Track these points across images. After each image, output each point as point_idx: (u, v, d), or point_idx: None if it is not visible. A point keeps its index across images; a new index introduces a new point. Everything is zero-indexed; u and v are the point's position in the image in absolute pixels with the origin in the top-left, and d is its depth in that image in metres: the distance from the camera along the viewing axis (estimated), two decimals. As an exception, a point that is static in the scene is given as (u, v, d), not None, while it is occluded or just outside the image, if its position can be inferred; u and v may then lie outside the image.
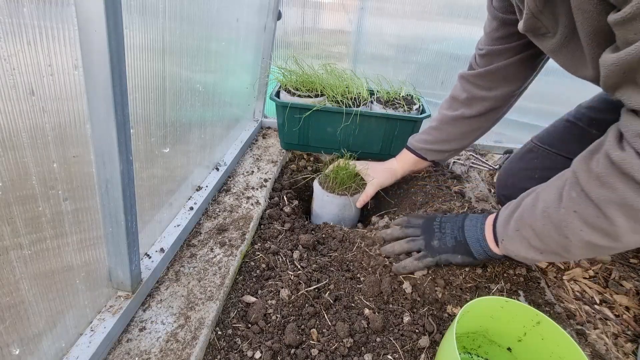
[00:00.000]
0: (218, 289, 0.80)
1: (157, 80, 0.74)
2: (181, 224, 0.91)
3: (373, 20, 1.59)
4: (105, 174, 0.59)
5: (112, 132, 0.55)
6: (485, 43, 0.99)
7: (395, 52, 1.65)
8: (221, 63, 1.10)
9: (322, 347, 0.72)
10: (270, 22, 1.41)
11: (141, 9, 0.65)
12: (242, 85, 1.38)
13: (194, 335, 0.69)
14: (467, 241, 0.82)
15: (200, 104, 0.99)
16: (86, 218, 0.60)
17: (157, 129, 0.79)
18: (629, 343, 0.79)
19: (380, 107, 1.32)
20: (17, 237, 0.49)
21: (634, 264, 1.04)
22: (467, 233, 0.82)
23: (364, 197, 1.14)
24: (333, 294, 0.83)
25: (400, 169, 1.20)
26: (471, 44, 1.08)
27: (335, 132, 1.31)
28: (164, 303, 0.76)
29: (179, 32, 0.80)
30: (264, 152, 1.41)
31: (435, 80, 1.67)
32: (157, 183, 0.83)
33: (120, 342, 0.67)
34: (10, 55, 0.43)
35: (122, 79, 0.53)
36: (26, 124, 0.47)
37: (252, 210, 1.06)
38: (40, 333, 0.56)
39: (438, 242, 0.84)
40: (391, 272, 0.86)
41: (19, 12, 0.43)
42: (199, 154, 1.05)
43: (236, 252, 0.90)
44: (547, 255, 0.71)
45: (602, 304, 0.90)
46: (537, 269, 0.98)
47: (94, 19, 0.48)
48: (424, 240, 0.85)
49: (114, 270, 0.69)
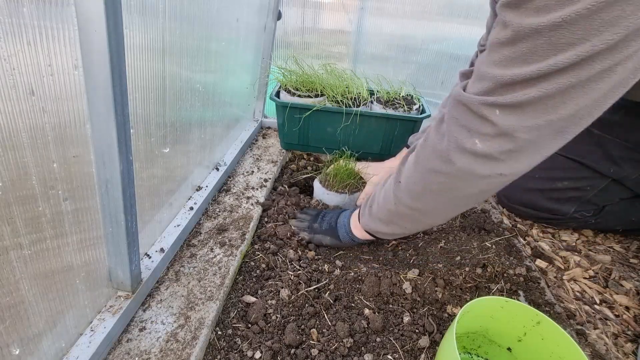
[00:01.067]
0: (218, 289, 0.80)
1: (157, 80, 0.74)
2: (181, 224, 0.91)
3: (373, 20, 1.58)
4: (105, 174, 0.59)
5: (112, 132, 0.55)
6: (486, 39, 0.99)
7: (395, 52, 1.65)
8: (221, 63, 1.10)
9: (322, 347, 0.72)
10: (270, 22, 1.41)
11: (141, 9, 0.65)
12: (242, 85, 1.38)
13: (194, 335, 0.69)
14: (336, 227, 0.97)
15: (200, 104, 0.99)
16: (86, 218, 0.60)
17: (157, 129, 0.79)
18: (629, 343, 0.79)
19: (380, 107, 1.32)
20: (17, 237, 0.49)
21: (634, 264, 1.04)
22: (338, 222, 0.98)
23: (362, 195, 1.14)
24: (333, 294, 0.83)
25: None
26: (471, 44, 1.08)
27: (335, 132, 1.31)
28: (164, 303, 0.76)
29: (179, 32, 0.80)
30: (264, 152, 1.41)
31: (435, 80, 1.66)
32: (157, 183, 0.83)
33: (120, 342, 0.67)
34: (10, 55, 0.43)
35: (122, 79, 0.53)
36: (26, 124, 0.47)
37: (252, 210, 1.06)
38: (40, 333, 0.56)
39: (317, 225, 1.01)
40: (392, 273, 0.87)
41: (18, 12, 0.43)
42: (199, 154, 1.05)
43: (236, 252, 0.90)
44: (393, 222, 0.83)
45: (602, 304, 0.90)
46: (537, 269, 0.98)
47: (94, 19, 0.48)
48: (309, 223, 1.03)
49: (114, 270, 0.69)
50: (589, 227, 1.14)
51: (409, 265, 0.92)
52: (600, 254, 1.08)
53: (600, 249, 1.11)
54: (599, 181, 1.03)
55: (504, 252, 0.94)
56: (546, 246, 1.09)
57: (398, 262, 0.95)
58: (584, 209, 1.08)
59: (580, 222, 1.12)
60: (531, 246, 1.08)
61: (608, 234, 1.16)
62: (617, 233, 1.15)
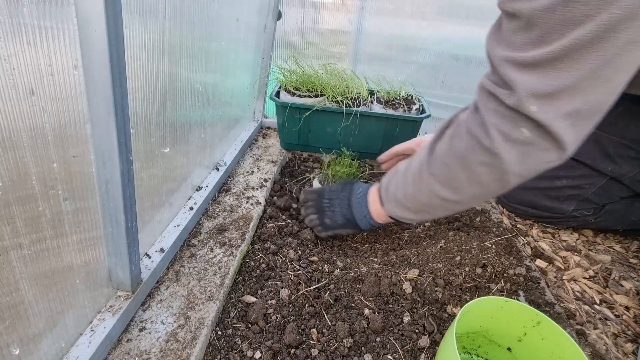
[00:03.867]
0: (218, 289, 0.80)
1: (157, 80, 0.74)
2: (181, 223, 0.91)
3: (373, 20, 1.58)
4: (105, 174, 0.59)
5: (112, 132, 0.55)
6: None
7: (395, 52, 1.65)
8: (221, 63, 1.10)
9: (322, 347, 0.72)
10: (270, 22, 1.41)
11: (141, 9, 0.65)
12: (242, 85, 1.38)
13: (194, 335, 0.69)
14: (355, 219, 0.93)
15: (200, 104, 0.99)
16: (86, 218, 0.60)
17: (157, 129, 0.79)
18: (629, 343, 0.79)
19: (380, 107, 1.32)
20: (17, 237, 0.49)
21: (633, 264, 1.04)
22: (354, 211, 0.93)
23: (387, 152, 1.12)
24: (333, 294, 0.83)
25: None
26: (471, 44, 1.08)
27: (335, 132, 1.31)
28: (164, 303, 0.76)
29: (179, 31, 0.80)
30: (264, 152, 1.41)
31: (435, 80, 1.66)
32: (157, 183, 0.83)
33: (120, 342, 0.67)
34: (10, 55, 0.43)
35: (122, 79, 0.53)
36: (26, 123, 0.47)
37: (252, 210, 1.06)
38: (40, 333, 0.56)
39: (330, 220, 0.95)
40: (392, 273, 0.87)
41: (18, 12, 0.43)
42: (199, 153, 1.05)
43: (236, 252, 0.90)
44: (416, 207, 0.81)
45: (602, 304, 0.90)
46: (537, 269, 0.98)
47: (93, 19, 0.48)
48: (319, 219, 0.97)
49: (114, 270, 0.69)
50: (589, 226, 1.14)
51: (409, 265, 0.92)
52: (600, 253, 1.08)
53: (600, 249, 1.11)
54: (597, 179, 1.03)
55: (504, 252, 0.94)
56: (546, 246, 1.09)
57: (398, 261, 0.95)
58: (584, 208, 1.08)
59: (580, 222, 1.12)
60: (531, 246, 1.08)
61: (608, 234, 1.16)
62: (617, 233, 1.15)
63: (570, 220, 1.12)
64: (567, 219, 1.12)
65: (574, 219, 1.11)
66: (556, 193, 1.08)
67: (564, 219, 1.12)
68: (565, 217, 1.11)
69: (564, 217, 1.11)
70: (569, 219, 1.12)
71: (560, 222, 1.14)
